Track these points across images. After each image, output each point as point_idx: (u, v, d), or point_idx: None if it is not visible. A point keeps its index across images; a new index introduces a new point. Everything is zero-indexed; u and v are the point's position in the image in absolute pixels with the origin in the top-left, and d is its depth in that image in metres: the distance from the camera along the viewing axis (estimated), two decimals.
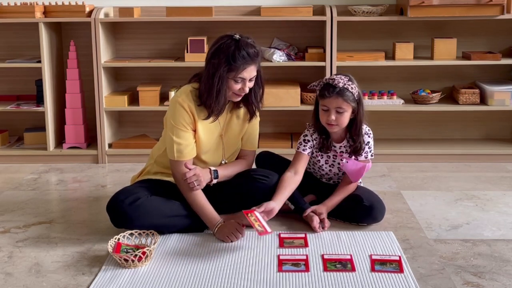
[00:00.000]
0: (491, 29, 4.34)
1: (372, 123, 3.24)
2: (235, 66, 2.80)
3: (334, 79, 2.92)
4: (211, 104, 2.86)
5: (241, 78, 2.84)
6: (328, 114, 2.93)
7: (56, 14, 4.17)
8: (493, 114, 4.42)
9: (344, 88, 2.89)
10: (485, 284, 2.44)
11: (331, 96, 2.90)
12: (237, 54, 2.80)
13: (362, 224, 3.01)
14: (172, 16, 4.15)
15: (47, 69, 4.17)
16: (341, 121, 2.94)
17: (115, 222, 2.86)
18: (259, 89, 2.98)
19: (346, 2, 4.30)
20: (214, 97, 2.83)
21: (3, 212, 3.29)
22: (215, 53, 2.83)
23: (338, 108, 2.91)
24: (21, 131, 4.46)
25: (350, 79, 2.94)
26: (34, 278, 2.53)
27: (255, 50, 2.85)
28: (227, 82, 2.84)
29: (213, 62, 2.82)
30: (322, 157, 3.12)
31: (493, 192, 3.55)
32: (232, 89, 2.86)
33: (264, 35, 4.35)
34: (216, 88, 2.82)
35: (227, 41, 2.83)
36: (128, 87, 4.47)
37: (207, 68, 2.86)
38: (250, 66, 2.84)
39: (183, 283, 2.45)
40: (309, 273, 2.51)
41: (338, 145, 3.08)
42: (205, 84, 2.85)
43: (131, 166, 4.12)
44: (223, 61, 2.80)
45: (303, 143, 3.09)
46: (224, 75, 2.81)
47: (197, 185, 2.87)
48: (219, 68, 2.81)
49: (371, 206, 2.99)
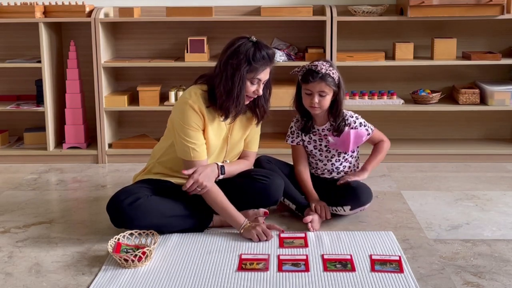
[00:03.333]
0: (491, 29, 4.34)
1: (372, 123, 3.25)
2: (255, 67, 2.81)
3: (316, 65, 3.02)
4: (229, 106, 2.84)
5: (258, 79, 2.85)
6: (312, 98, 3.04)
7: (56, 14, 4.17)
8: (493, 114, 4.42)
9: (326, 73, 3.00)
10: (485, 284, 2.44)
11: (314, 80, 3.00)
12: (257, 55, 2.81)
13: (345, 207, 3.03)
14: (172, 16, 4.15)
15: (47, 69, 4.17)
16: (323, 104, 3.05)
17: (115, 222, 2.86)
18: (267, 92, 2.99)
19: (346, 2, 4.31)
20: (234, 98, 2.82)
21: (3, 212, 3.30)
22: (233, 54, 2.81)
23: (321, 92, 3.02)
24: (21, 131, 4.46)
25: (331, 65, 3.06)
26: (34, 278, 2.53)
27: (272, 52, 2.88)
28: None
29: (232, 63, 2.80)
30: (309, 143, 3.20)
31: (493, 192, 3.55)
32: (247, 91, 2.85)
33: (264, 35, 4.34)
34: (237, 89, 2.81)
35: (245, 42, 2.83)
36: (128, 87, 4.47)
37: (225, 69, 2.82)
38: (268, 68, 2.87)
39: (183, 283, 2.45)
40: (309, 273, 2.51)
41: (321, 128, 3.15)
42: (224, 86, 2.81)
43: (131, 166, 4.12)
44: (244, 61, 2.79)
45: (290, 135, 3.24)
46: (244, 75, 2.81)
47: (202, 189, 2.87)
48: (239, 69, 2.79)
49: (357, 187, 3.05)
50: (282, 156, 3.51)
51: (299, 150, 3.23)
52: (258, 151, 3.22)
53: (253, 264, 2.60)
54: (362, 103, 4.17)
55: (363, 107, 4.14)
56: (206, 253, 2.72)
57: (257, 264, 2.60)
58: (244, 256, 2.67)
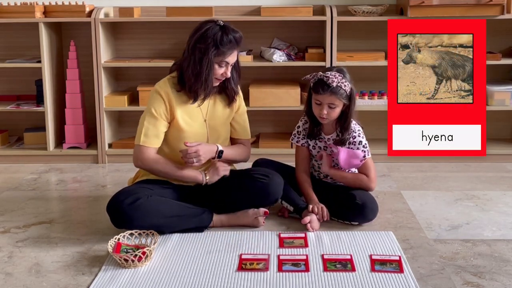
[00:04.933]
0: (491, 29, 4.31)
1: (372, 123, 3.25)
2: (223, 51, 2.85)
3: (328, 77, 2.95)
4: (197, 89, 2.90)
5: (226, 62, 2.89)
6: (321, 108, 2.99)
7: (56, 14, 4.17)
8: (493, 114, 4.41)
9: (337, 86, 2.94)
10: (485, 284, 2.44)
11: (324, 93, 2.95)
12: (225, 39, 2.85)
13: (354, 223, 3.02)
14: (172, 16, 4.16)
15: (47, 69, 4.17)
16: (332, 115, 3.01)
17: (115, 222, 2.86)
18: (236, 73, 3.03)
19: (346, 2, 4.31)
20: (202, 81, 2.88)
21: (3, 212, 3.30)
22: (201, 38, 2.86)
23: (331, 104, 2.97)
24: (21, 131, 4.46)
25: (343, 77, 2.98)
26: (34, 278, 2.53)
27: (240, 35, 2.92)
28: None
29: (200, 47, 2.85)
30: (314, 148, 3.17)
31: (493, 192, 3.55)
32: (215, 73, 2.90)
33: (264, 35, 4.35)
34: (205, 72, 2.86)
35: (212, 26, 2.87)
36: (128, 87, 4.47)
37: (193, 53, 2.87)
38: (235, 51, 2.91)
39: (183, 283, 2.45)
40: (309, 273, 2.51)
41: (327, 137, 3.12)
42: (192, 70, 2.87)
43: (131, 166, 4.08)
44: (211, 46, 2.84)
45: (296, 134, 3.19)
46: (212, 59, 2.85)
47: (196, 162, 2.90)
48: (207, 53, 2.84)
49: (364, 204, 2.99)
50: (283, 156, 3.52)
51: (303, 152, 3.19)
52: (258, 151, 3.22)
53: (253, 264, 2.60)
54: (362, 103, 4.17)
55: (363, 107, 4.14)
56: (206, 253, 2.72)
57: (257, 264, 2.60)
58: (244, 256, 2.67)
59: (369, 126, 3.18)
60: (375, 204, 3.05)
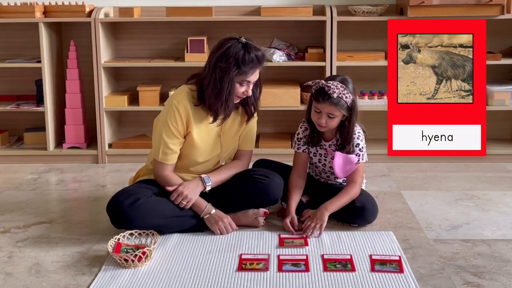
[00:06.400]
0: (491, 29, 4.31)
1: (372, 123, 3.25)
2: (244, 70, 2.80)
3: (330, 87, 2.87)
4: (218, 109, 2.85)
5: (247, 81, 2.84)
6: (320, 117, 2.95)
7: (56, 14, 4.17)
8: (493, 114, 4.41)
9: (338, 97, 2.88)
10: (485, 284, 2.44)
11: (324, 103, 2.90)
12: (247, 58, 2.79)
13: (353, 225, 3.01)
14: (172, 16, 4.15)
15: (47, 69, 4.17)
16: (330, 125, 2.96)
17: (115, 223, 2.86)
18: (257, 90, 2.99)
19: (346, 2, 4.31)
20: (223, 101, 2.82)
21: (3, 212, 3.30)
22: (222, 56, 2.80)
23: (330, 113, 2.93)
24: (21, 131, 4.46)
25: (346, 87, 2.90)
26: (34, 278, 2.53)
27: (262, 53, 2.86)
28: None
29: (221, 66, 2.79)
30: (315, 155, 3.14)
31: (493, 192, 3.55)
32: (236, 92, 2.85)
33: (264, 35, 4.35)
34: (225, 92, 2.80)
35: (234, 44, 2.82)
36: (128, 87, 4.47)
37: (214, 71, 2.81)
38: (257, 70, 2.86)
39: (183, 283, 2.45)
40: (309, 273, 2.51)
41: (327, 144, 3.09)
42: (212, 88, 2.82)
43: (131, 166, 4.12)
44: (233, 65, 2.78)
45: (297, 141, 3.14)
46: (233, 79, 2.80)
47: (187, 202, 2.89)
48: (228, 72, 2.79)
49: (363, 207, 2.98)
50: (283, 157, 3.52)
51: (302, 158, 3.13)
52: (258, 151, 3.22)
53: (253, 264, 2.60)
54: (362, 103, 4.16)
55: (363, 107, 4.11)
56: (206, 253, 2.71)
57: (257, 264, 2.60)
58: (244, 256, 2.67)
59: (369, 126, 3.17)
60: (375, 206, 3.05)
